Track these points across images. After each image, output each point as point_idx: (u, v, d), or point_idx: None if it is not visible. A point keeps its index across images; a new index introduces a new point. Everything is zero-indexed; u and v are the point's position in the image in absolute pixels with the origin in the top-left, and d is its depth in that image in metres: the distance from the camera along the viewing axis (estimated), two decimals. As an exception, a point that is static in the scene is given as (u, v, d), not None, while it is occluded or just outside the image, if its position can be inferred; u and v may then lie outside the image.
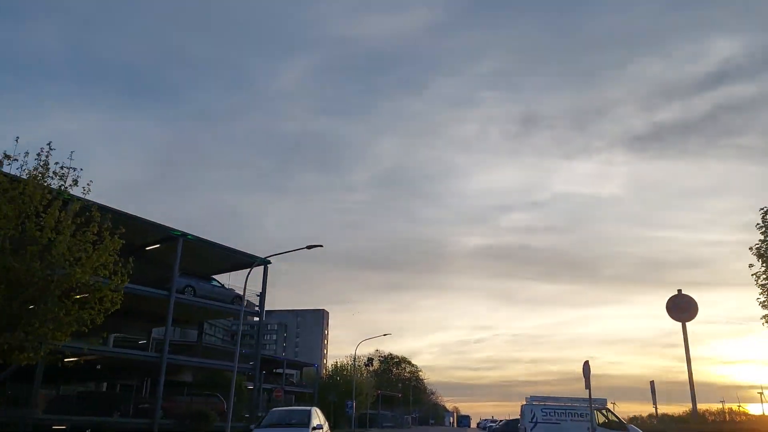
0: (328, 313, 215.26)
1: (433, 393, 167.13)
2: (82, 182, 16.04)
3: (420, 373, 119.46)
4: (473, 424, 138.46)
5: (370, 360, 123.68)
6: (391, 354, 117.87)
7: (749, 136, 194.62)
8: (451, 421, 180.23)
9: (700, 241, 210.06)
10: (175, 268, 28.47)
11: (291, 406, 73.55)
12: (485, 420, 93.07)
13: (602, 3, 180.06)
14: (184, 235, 29.00)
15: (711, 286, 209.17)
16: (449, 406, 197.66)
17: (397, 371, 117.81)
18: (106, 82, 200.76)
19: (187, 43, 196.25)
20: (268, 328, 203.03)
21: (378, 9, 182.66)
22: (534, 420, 24.42)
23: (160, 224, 28.72)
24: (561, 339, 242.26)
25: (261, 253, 31.14)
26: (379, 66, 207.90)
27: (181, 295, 29.15)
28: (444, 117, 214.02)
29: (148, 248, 30.09)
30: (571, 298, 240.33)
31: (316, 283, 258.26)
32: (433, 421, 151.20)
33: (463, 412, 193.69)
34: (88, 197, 15.82)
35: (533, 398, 25.68)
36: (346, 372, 71.40)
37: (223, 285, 32.33)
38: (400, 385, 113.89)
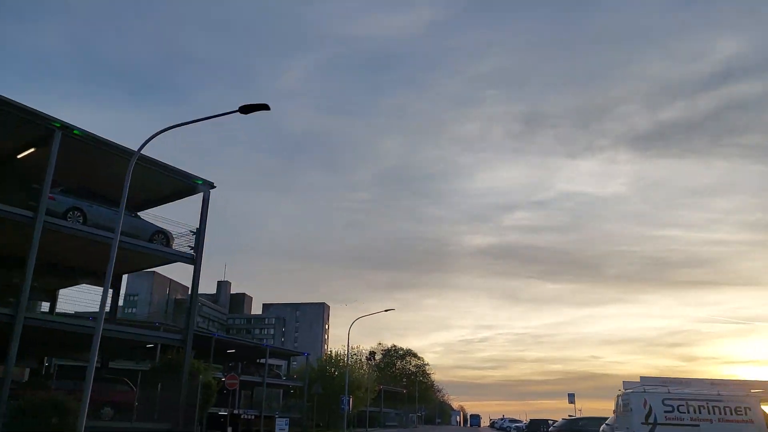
0: (329, 307, 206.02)
1: (440, 390, 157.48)
2: None
3: (427, 367, 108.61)
4: (484, 424, 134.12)
5: (372, 354, 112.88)
6: (394, 346, 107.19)
7: (754, 135, 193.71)
8: (458, 420, 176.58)
9: (705, 241, 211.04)
10: (48, 175, 17.52)
11: (275, 402, 63.64)
12: (503, 419, 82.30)
13: (606, 1, 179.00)
14: (67, 128, 18.20)
15: (715, 286, 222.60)
16: (455, 404, 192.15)
17: (402, 365, 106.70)
18: (111, 81, 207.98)
19: (191, 43, 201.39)
20: (266, 322, 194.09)
21: (381, 8, 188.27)
22: (652, 419, 13.77)
23: (35, 112, 17.80)
24: (564, 338, 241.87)
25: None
26: (383, 65, 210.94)
27: (58, 220, 18.29)
28: (447, 116, 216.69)
29: (20, 155, 19.30)
30: (574, 297, 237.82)
31: (319, 282, 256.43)
32: (439, 421, 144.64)
33: (468, 411, 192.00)
34: None
35: (646, 380, 15.08)
36: (341, 362, 60.65)
37: (137, 215, 21.51)
38: (404, 380, 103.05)
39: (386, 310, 39.33)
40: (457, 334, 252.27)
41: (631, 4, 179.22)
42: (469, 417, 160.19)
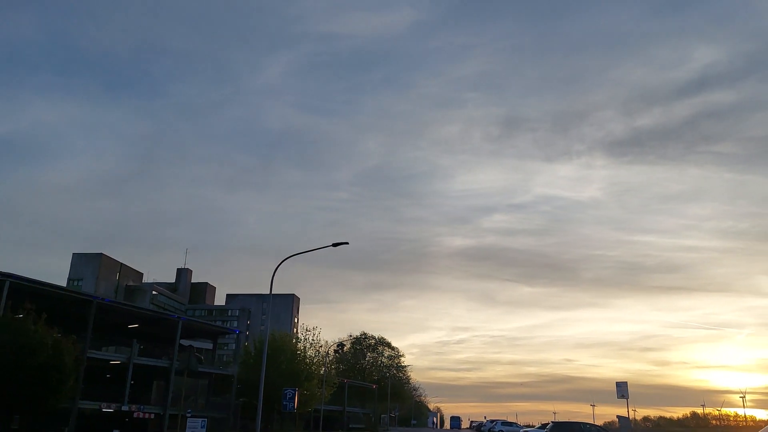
0: (298, 299, 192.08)
1: (416, 389, 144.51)
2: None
3: (401, 359, 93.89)
4: (464, 425, 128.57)
5: (341, 345, 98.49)
6: (364, 333, 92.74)
7: (727, 143, 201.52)
8: (434, 421, 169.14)
9: (678, 247, 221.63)
10: None
11: (200, 398, 48.83)
12: (493, 422, 69.43)
13: (586, 8, 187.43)
14: None
15: (687, 292, 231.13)
16: (431, 406, 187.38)
17: (373, 356, 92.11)
18: (86, 73, 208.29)
19: (168, 36, 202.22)
20: (229, 314, 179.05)
21: (363, 7, 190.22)
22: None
23: None
24: (540, 341, 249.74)
25: None
26: (364, 64, 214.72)
27: None
28: (428, 117, 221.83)
29: None
30: (550, 300, 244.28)
31: (297, 281, 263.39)
32: (415, 422, 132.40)
33: (444, 413, 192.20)
34: None
35: None
36: (285, 345, 46.59)
37: None
38: (375, 374, 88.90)
39: (336, 245, 25.32)
40: (433, 335, 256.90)
41: (611, 11, 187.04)
42: (450, 419, 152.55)
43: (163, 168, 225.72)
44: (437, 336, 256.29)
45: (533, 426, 62.83)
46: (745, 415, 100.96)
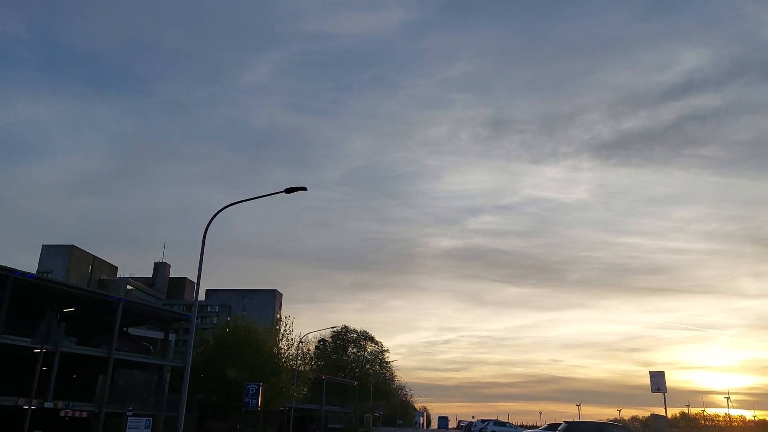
0: (281, 294, 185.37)
1: (402, 388, 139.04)
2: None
3: (386, 353, 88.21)
4: (451, 425, 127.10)
5: (322, 341, 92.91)
6: (345, 327, 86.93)
7: (712, 146, 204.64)
8: (421, 421, 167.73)
9: (663, 249, 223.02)
10: None
11: (152, 395, 42.74)
12: (480, 421, 64.49)
13: (573, 10, 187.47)
14: None
15: (673, 293, 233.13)
16: (418, 405, 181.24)
17: (354, 351, 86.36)
18: (73, 70, 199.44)
19: (157, 33, 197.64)
20: (208, 309, 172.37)
21: (352, 7, 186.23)
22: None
23: None
24: (527, 342, 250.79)
25: None
26: (352, 64, 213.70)
27: None
28: (416, 117, 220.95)
29: None
30: (537, 301, 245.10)
31: (284, 280, 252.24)
32: (401, 422, 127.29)
33: (431, 413, 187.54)
34: None
35: None
36: (250, 335, 41.15)
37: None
38: (357, 370, 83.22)
39: (289, 190, 19.55)
40: (421, 335, 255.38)
41: (598, 15, 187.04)
42: (438, 419, 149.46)
43: (151, 166, 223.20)
44: (425, 336, 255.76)
45: (538, 426, 57.77)
46: (732, 415, 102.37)
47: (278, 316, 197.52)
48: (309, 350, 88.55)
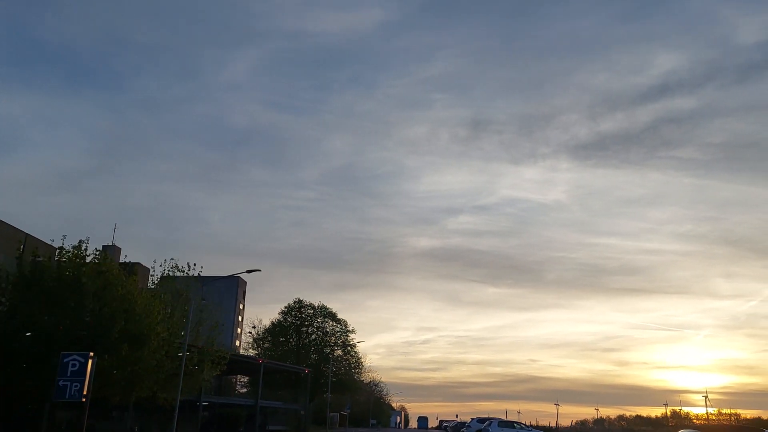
0: (245, 282, 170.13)
1: (377, 385, 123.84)
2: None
3: (352, 335, 70.93)
4: (431, 425, 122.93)
5: (277, 323, 75.74)
6: (300, 300, 69.92)
7: (687, 148, 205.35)
8: (399, 421, 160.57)
9: (639, 249, 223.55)
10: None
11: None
12: (476, 421, 52.98)
13: (552, 12, 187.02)
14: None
15: (648, 293, 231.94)
16: (395, 405, 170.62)
17: (310, 331, 69.09)
18: (46, 64, 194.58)
19: (132, 29, 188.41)
20: (162, 297, 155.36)
21: (331, 5, 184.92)
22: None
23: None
24: (504, 342, 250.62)
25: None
26: (331, 62, 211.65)
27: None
28: (395, 117, 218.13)
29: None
30: (514, 301, 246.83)
31: (261, 280, 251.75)
32: (375, 422, 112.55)
33: (410, 412, 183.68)
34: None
35: None
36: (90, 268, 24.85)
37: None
38: (314, 354, 66.56)
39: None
40: (399, 335, 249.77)
41: (576, 16, 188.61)
42: (417, 419, 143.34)
43: (126, 163, 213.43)
44: (403, 336, 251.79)
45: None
46: (719, 411, 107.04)
47: (241, 306, 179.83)
48: (258, 333, 72.28)
